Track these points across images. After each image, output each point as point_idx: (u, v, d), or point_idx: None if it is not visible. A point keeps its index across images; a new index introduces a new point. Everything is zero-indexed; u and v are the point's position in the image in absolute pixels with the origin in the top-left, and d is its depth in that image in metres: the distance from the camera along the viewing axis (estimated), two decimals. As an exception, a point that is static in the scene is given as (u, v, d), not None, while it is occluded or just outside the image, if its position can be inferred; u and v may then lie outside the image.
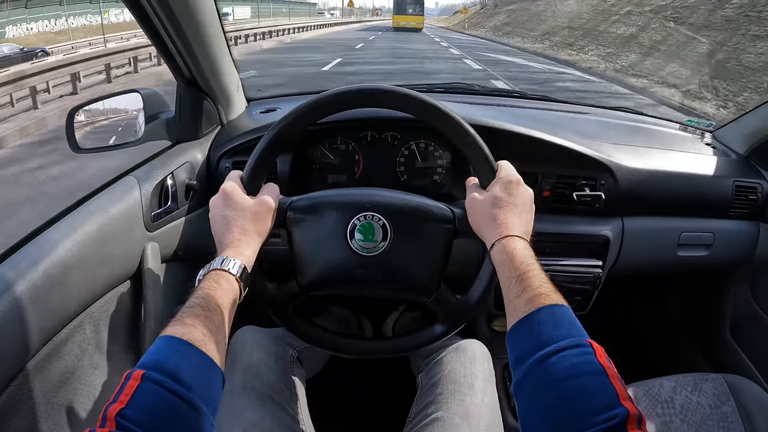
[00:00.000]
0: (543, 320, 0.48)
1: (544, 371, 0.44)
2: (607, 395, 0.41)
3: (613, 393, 0.41)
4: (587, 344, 0.45)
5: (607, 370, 0.43)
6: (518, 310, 0.50)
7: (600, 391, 0.41)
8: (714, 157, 1.06)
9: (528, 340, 0.48)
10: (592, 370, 0.43)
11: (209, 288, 0.53)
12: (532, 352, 0.46)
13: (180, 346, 0.46)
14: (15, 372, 0.56)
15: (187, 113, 0.92)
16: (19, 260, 0.59)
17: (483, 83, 2.44)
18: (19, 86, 6.07)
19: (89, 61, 7.52)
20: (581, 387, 0.42)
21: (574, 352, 0.44)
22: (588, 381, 0.42)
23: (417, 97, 0.64)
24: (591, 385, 0.42)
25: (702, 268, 1.07)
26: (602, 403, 0.40)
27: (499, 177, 0.64)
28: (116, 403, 0.39)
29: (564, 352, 0.44)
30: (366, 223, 0.65)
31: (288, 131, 0.65)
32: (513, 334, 0.50)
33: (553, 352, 0.45)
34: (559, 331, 0.46)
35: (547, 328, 0.47)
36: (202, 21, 0.78)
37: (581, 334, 0.47)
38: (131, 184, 0.78)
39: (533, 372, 0.45)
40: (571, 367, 0.43)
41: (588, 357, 0.44)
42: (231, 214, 0.61)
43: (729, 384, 0.89)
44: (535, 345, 0.46)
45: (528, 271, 0.53)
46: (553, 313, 0.48)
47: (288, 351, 0.81)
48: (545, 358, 0.45)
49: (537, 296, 0.50)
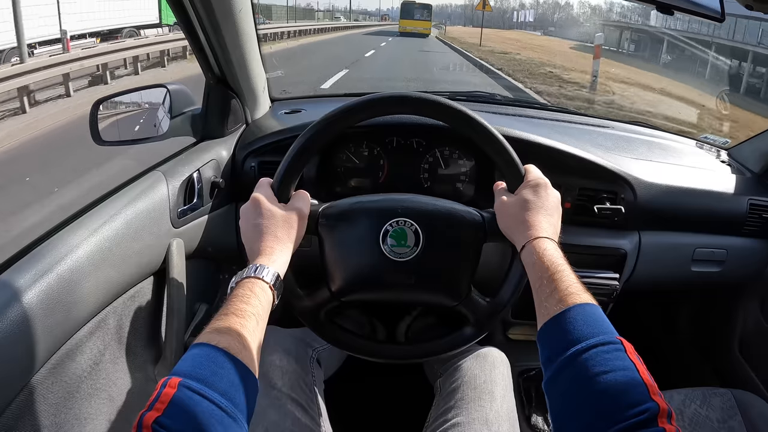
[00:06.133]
0: (574, 318, 0.49)
1: (576, 368, 0.45)
2: (637, 390, 0.41)
3: (644, 388, 0.41)
4: (618, 341, 0.46)
5: (638, 366, 0.44)
6: (549, 310, 0.51)
7: (631, 386, 0.42)
8: (729, 175, 1.07)
9: (559, 338, 0.49)
10: (623, 366, 0.44)
11: (243, 296, 0.53)
12: (564, 349, 0.47)
13: (215, 354, 0.45)
14: (38, 368, 0.56)
15: (215, 110, 0.92)
16: (45, 252, 0.59)
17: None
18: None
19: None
20: (613, 382, 0.42)
21: (605, 349, 0.45)
22: (619, 377, 0.43)
23: (447, 105, 0.64)
24: (622, 381, 0.42)
25: (714, 285, 1.08)
26: (633, 398, 0.41)
27: (527, 181, 0.65)
28: (152, 411, 0.39)
29: (595, 349, 0.45)
30: (398, 229, 0.66)
31: (319, 138, 0.65)
32: (544, 333, 0.51)
33: (584, 349, 0.46)
34: (590, 329, 0.47)
35: (579, 326, 0.48)
36: (239, 21, 0.78)
37: (611, 332, 0.48)
38: (158, 180, 0.79)
39: (565, 369, 0.46)
40: (603, 363, 0.44)
41: (619, 353, 0.45)
42: (263, 223, 0.61)
43: (737, 399, 0.90)
44: (567, 342, 0.47)
45: (558, 271, 0.54)
46: (584, 312, 0.49)
47: (308, 352, 0.81)
48: (577, 355, 0.46)
49: (568, 295, 0.51)
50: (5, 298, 0.52)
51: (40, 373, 0.56)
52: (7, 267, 0.57)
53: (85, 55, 6.70)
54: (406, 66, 11.58)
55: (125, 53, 7.61)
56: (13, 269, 0.56)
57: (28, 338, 0.53)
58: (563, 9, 53.12)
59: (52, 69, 5.87)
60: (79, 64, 6.34)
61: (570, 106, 6.74)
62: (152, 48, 8.32)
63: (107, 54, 6.97)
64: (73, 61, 6.25)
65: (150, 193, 0.75)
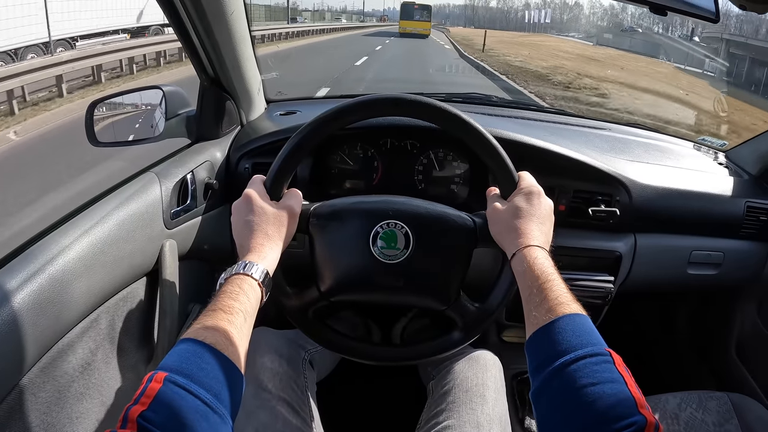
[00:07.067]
0: (563, 329, 0.48)
1: (564, 379, 0.45)
2: (625, 403, 0.41)
3: (632, 401, 0.41)
4: (606, 353, 0.46)
5: (626, 378, 0.43)
6: (538, 319, 0.51)
7: (618, 399, 0.42)
8: (726, 177, 1.07)
9: (548, 348, 0.48)
10: (611, 379, 0.43)
11: (232, 292, 0.53)
12: (551, 359, 0.47)
13: (202, 349, 0.45)
14: (29, 367, 0.56)
15: (209, 112, 0.93)
16: (38, 253, 0.59)
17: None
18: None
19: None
20: (600, 395, 0.42)
21: (594, 361, 0.45)
22: (607, 389, 0.42)
23: (441, 108, 0.64)
24: (610, 393, 0.42)
25: (711, 287, 1.08)
26: (621, 410, 0.41)
27: (521, 188, 0.65)
28: (138, 405, 0.39)
29: (583, 361, 0.45)
30: (389, 231, 0.66)
31: (312, 138, 0.65)
32: (533, 343, 0.51)
33: (572, 360, 0.45)
34: (579, 340, 0.47)
35: (567, 337, 0.48)
36: (232, 22, 0.78)
37: (600, 343, 0.47)
38: (152, 181, 0.79)
39: (553, 379, 0.46)
40: (591, 375, 0.44)
41: (607, 365, 0.45)
42: (254, 219, 0.61)
43: (733, 403, 0.90)
44: (555, 353, 0.47)
45: (548, 281, 0.54)
46: (572, 322, 0.49)
47: (300, 353, 0.81)
48: (565, 366, 0.45)
49: (557, 305, 0.51)
50: None
51: (31, 372, 0.56)
52: None
53: (113, 49, 7.72)
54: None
55: (154, 47, 8.67)
56: (5, 270, 0.56)
57: (19, 338, 0.53)
58: (572, 9, 50.96)
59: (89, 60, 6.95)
60: (113, 56, 7.54)
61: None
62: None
63: (136, 48, 8.24)
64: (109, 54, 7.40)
65: (143, 194, 0.76)
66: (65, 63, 6.33)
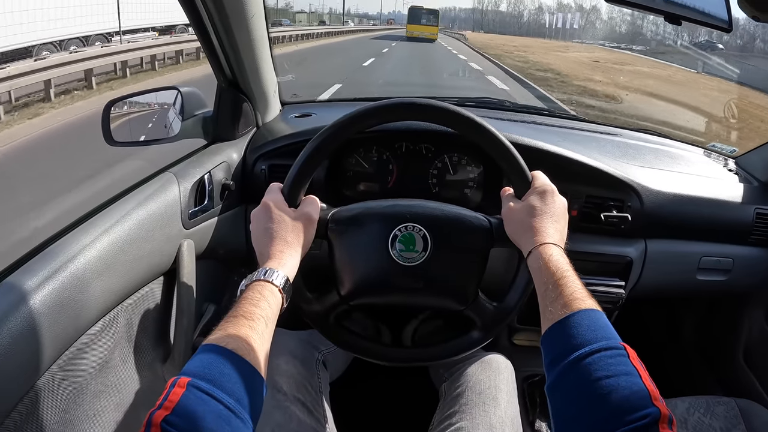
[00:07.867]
0: (578, 323, 0.49)
1: (579, 372, 0.46)
2: (639, 395, 0.42)
3: (646, 393, 0.42)
4: (621, 347, 0.47)
5: (640, 372, 0.44)
6: (554, 314, 0.52)
7: (633, 391, 0.42)
8: (736, 184, 1.07)
9: (563, 342, 0.49)
10: (626, 371, 0.44)
11: (252, 298, 0.54)
12: (567, 353, 0.48)
13: (224, 354, 0.46)
14: (48, 365, 0.57)
15: (226, 113, 0.93)
16: (58, 251, 0.60)
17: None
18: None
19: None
20: (615, 387, 0.43)
21: (609, 354, 0.46)
22: (621, 381, 0.43)
23: (457, 112, 0.65)
24: (624, 386, 0.43)
25: (720, 293, 1.08)
26: (635, 403, 0.41)
27: (534, 187, 0.66)
28: (161, 410, 0.40)
29: (598, 354, 0.46)
30: (407, 234, 0.67)
31: (330, 142, 0.66)
32: (548, 337, 0.52)
33: (587, 354, 0.46)
34: (594, 334, 0.48)
35: (582, 331, 0.48)
36: (252, 25, 0.79)
37: (615, 337, 0.48)
38: (170, 181, 0.79)
39: (568, 373, 0.47)
40: (605, 368, 0.45)
41: (622, 359, 0.45)
42: (273, 227, 0.62)
43: (740, 408, 0.90)
44: (570, 347, 0.48)
45: (564, 277, 0.55)
46: (588, 317, 0.50)
47: (314, 354, 0.82)
48: (580, 359, 0.46)
49: (572, 300, 0.52)
50: (18, 295, 0.53)
51: (50, 370, 0.57)
52: (20, 265, 0.57)
53: (139, 47, 8.48)
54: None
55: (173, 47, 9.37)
56: (25, 267, 0.57)
57: (39, 336, 0.54)
58: (590, 14, 49.02)
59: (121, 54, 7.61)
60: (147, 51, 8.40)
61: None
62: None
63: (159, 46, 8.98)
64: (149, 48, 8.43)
65: (162, 194, 0.76)
66: (96, 58, 6.94)
